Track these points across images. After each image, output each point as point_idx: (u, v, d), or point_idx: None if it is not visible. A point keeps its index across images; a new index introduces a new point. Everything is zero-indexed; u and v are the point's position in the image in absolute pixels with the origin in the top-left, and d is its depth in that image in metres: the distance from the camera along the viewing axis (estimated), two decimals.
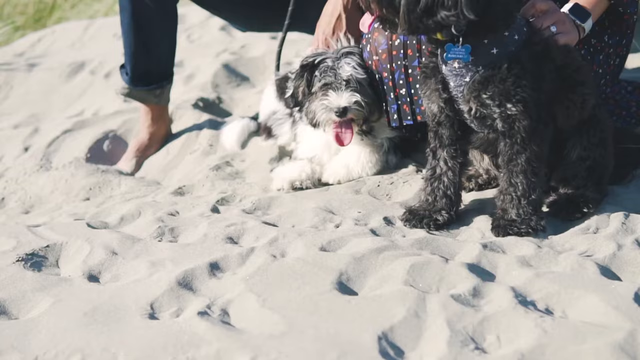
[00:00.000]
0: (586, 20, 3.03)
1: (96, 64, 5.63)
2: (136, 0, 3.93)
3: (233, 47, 5.47)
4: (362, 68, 3.31)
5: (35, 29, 9.32)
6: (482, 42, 2.72)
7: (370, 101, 3.30)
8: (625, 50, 3.38)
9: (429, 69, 2.87)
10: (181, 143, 4.23)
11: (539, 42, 2.78)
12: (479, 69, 2.74)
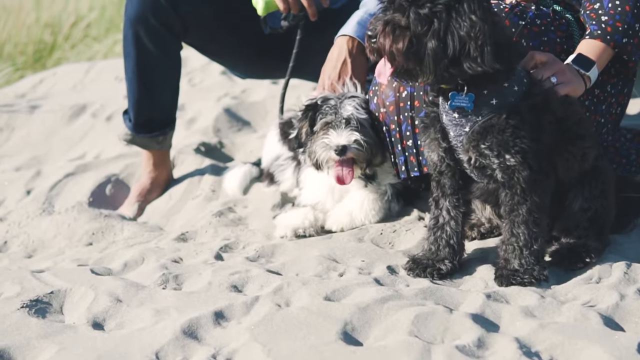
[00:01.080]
0: (590, 68, 3.07)
1: (98, 107, 5.66)
2: (140, 48, 3.97)
3: (234, 91, 5.52)
4: (364, 109, 3.35)
5: (35, 68, 9.39)
6: (482, 92, 2.77)
7: (371, 142, 3.33)
8: (627, 99, 3.42)
9: (429, 118, 2.92)
10: (183, 188, 4.26)
11: (539, 93, 2.83)
12: (478, 119, 2.78)
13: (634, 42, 3.14)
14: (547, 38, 3.16)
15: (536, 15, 3.16)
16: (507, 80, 2.77)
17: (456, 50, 2.66)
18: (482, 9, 2.66)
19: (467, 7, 2.65)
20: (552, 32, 3.18)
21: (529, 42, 3.12)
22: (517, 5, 3.14)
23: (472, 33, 2.65)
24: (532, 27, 3.14)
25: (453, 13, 2.66)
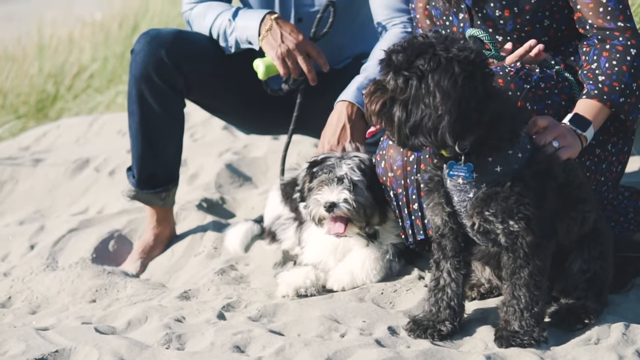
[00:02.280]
0: (587, 129, 3.11)
1: (101, 161, 5.72)
2: (144, 106, 4.03)
3: (236, 146, 5.58)
4: (360, 170, 3.40)
5: (37, 118, 9.47)
6: (487, 159, 2.81)
7: (363, 202, 3.39)
8: (627, 156, 3.47)
9: (433, 182, 2.97)
10: (186, 245, 4.29)
11: (542, 160, 2.88)
12: (482, 185, 2.83)
13: (630, 101, 3.19)
14: (551, 101, 3.21)
15: (540, 78, 3.21)
16: (512, 147, 2.82)
17: (416, 121, 2.72)
18: (452, 82, 2.68)
19: (436, 77, 2.69)
20: (555, 94, 3.23)
21: (534, 106, 3.16)
22: (522, 68, 3.18)
23: (432, 106, 2.70)
24: (537, 91, 3.19)
25: (423, 82, 2.72)
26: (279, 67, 3.87)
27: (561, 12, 3.31)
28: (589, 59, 3.23)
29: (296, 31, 3.88)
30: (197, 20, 4.14)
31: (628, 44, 3.19)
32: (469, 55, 2.71)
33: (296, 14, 4.17)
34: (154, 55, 3.98)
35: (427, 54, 2.73)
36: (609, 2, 3.19)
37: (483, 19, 3.35)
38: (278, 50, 3.85)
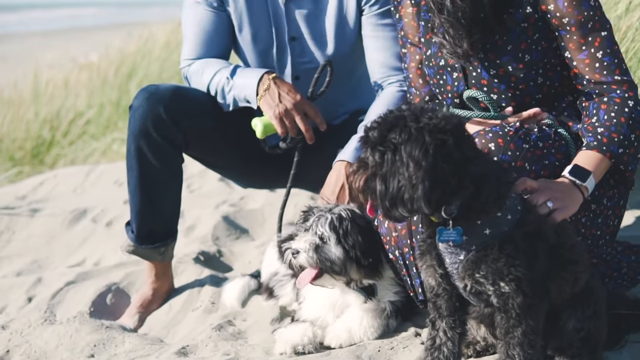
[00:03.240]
0: (587, 179, 3.16)
1: (98, 212, 5.76)
2: (143, 161, 4.08)
3: (233, 198, 5.63)
4: (331, 225, 3.44)
5: (33, 164, 9.52)
6: (476, 222, 2.86)
7: (331, 257, 3.42)
8: (623, 210, 3.50)
9: (426, 244, 3.01)
10: (184, 299, 4.33)
11: (532, 221, 2.92)
12: (472, 248, 2.87)
13: (629, 152, 3.25)
14: (548, 161, 3.25)
15: (539, 137, 3.25)
16: (500, 210, 2.87)
17: (394, 193, 2.78)
18: (423, 151, 2.72)
19: (408, 149, 2.74)
20: (552, 154, 3.27)
21: (532, 166, 3.20)
22: (520, 127, 3.23)
23: (406, 177, 2.75)
24: (535, 151, 3.23)
25: (397, 155, 2.77)
26: (276, 126, 3.92)
27: (554, 70, 3.38)
28: (588, 113, 3.30)
29: (294, 91, 3.94)
30: (195, 77, 4.19)
31: (625, 96, 3.26)
32: (438, 123, 2.76)
33: (293, 71, 4.23)
34: (152, 111, 4.02)
35: (398, 127, 2.79)
36: (604, 57, 3.26)
37: (477, 78, 3.42)
38: (276, 110, 3.91)
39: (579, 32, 3.26)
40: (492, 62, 3.36)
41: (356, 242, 3.43)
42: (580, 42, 3.27)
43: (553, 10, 3.27)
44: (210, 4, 4.17)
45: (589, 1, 3.25)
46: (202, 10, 4.18)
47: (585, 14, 3.24)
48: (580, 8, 3.23)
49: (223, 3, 4.18)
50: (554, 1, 3.26)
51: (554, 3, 3.26)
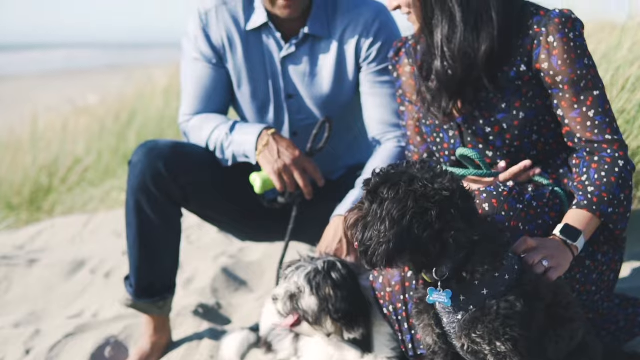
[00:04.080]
0: (577, 239, 3.19)
1: (96, 263, 5.76)
2: (142, 217, 4.10)
3: (231, 250, 5.64)
4: (306, 278, 3.47)
5: (30, 210, 9.51)
6: (473, 282, 2.88)
7: (305, 307, 3.46)
8: (620, 265, 3.52)
9: (423, 303, 3.03)
10: (182, 353, 4.32)
11: (529, 282, 2.94)
12: (469, 308, 2.90)
13: (619, 211, 3.28)
14: (542, 221, 3.28)
15: (533, 197, 3.28)
16: (496, 271, 2.90)
17: (365, 241, 2.85)
18: (401, 214, 2.78)
19: (389, 207, 2.80)
20: (546, 213, 3.30)
21: (526, 226, 3.23)
22: (514, 187, 3.26)
23: (378, 231, 2.81)
24: (529, 210, 3.25)
25: (379, 209, 2.83)
26: (275, 182, 3.96)
27: (548, 127, 3.42)
28: (579, 171, 3.34)
29: (292, 147, 3.98)
30: (194, 132, 4.24)
31: (616, 155, 3.30)
32: (428, 191, 2.80)
33: (291, 128, 4.28)
34: (151, 166, 4.05)
35: (389, 183, 2.84)
36: (595, 116, 3.30)
37: (473, 135, 3.46)
38: (275, 166, 3.95)
39: (571, 90, 3.31)
40: (487, 120, 3.41)
41: (328, 296, 3.45)
42: (573, 100, 3.31)
43: (547, 69, 3.32)
44: (210, 61, 4.22)
45: (583, 60, 3.30)
46: (201, 66, 4.23)
47: (579, 73, 3.29)
48: (573, 67, 3.29)
49: (222, 60, 4.23)
50: (548, 59, 3.31)
51: (548, 61, 3.32)
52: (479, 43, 3.33)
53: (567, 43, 3.29)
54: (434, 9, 3.36)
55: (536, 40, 3.33)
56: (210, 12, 4.23)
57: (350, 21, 4.17)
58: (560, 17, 3.31)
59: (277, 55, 4.21)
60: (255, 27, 4.20)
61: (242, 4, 4.24)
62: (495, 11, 3.32)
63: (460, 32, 3.32)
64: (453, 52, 3.34)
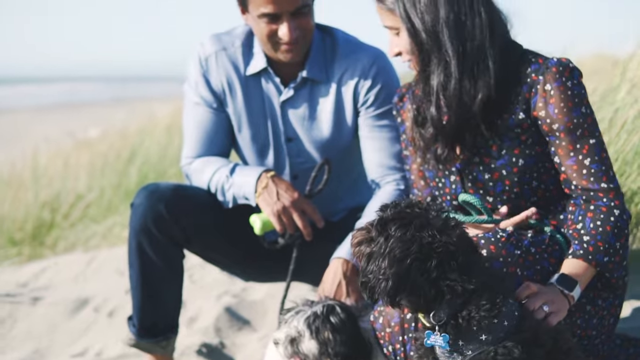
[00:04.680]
0: (574, 288, 3.22)
1: (100, 301, 5.79)
2: (144, 258, 4.14)
3: (234, 289, 5.66)
4: (306, 322, 3.50)
5: (33, 246, 9.55)
6: (472, 328, 2.92)
7: (304, 350, 3.48)
8: (619, 309, 3.54)
9: (423, 347, 3.06)
10: None
11: (529, 328, 2.97)
12: (467, 353, 2.93)
13: (614, 260, 3.31)
14: (541, 267, 3.31)
15: (531, 243, 3.31)
16: (495, 318, 2.93)
17: (365, 273, 2.91)
18: (402, 256, 2.83)
19: (393, 245, 2.86)
20: (545, 259, 3.33)
21: (524, 272, 3.26)
22: (513, 233, 3.29)
23: (378, 267, 2.87)
24: (527, 256, 3.28)
25: (384, 244, 2.89)
26: (275, 223, 4.00)
27: (549, 174, 3.46)
28: (574, 218, 3.37)
29: (291, 189, 4.03)
30: (196, 175, 4.29)
31: (612, 204, 3.33)
32: (434, 242, 2.85)
33: (291, 171, 4.34)
34: (153, 209, 4.09)
35: (400, 221, 2.90)
36: (592, 165, 3.34)
37: (473, 181, 3.50)
38: (274, 208, 4.00)
39: (567, 138, 3.34)
40: (487, 166, 3.45)
41: (327, 340, 3.49)
42: (569, 148, 3.35)
43: (544, 117, 3.36)
44: (210, 105, 4.28)
45: (580, 108, 3.34)
46: (202, 110, 4.29)
47: (575, 122, 3.33)
48: (570, 115, 3.33)
49: (222, 104, 4.29)
50: (544, 107, 3.36)
51: (544, 109, 3.36)
52: (476, 91, 3.38)
53: (563, 92, 3.33)
54: (430, 55, 3.42)
55: (534, 88, 3.38)
56: (210, 58, 4.29)
57: (348, 66, 4.23)
58: (557, 65, 3.36)
59: (277, 99, 4.27)
60: (255, 72, 4.26)
61: (242, 49, 4.30)
62: (492, 60, 3.37)
63: (455, 79, 3.38)
64: (448, 99, 3.40)
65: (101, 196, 9.79)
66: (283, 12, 4.01)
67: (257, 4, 4.01)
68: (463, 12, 3.37)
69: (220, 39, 4.32)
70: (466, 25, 3.37)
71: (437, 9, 3.37)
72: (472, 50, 3.37)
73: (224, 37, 4.32)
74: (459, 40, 3.37)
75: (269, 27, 4.05)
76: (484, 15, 3.38)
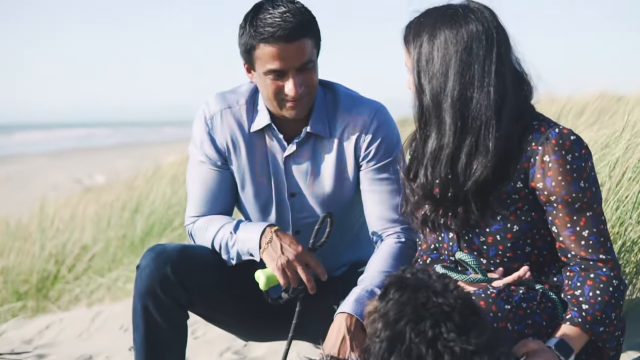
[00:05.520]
0: (570, 356, 3.23)
1: (103, 359, 5.79)
2: (149, 320, 4.13)
3: (236, 345, 5.66)
4: None
5: (37, 298, 9.57)
6: None
7: None
8: None
9: None
10: None
11: None
12: None
13: (609, 330, 3.31)
14: (532, 321, 3.30)
15: (522, 299, 3.30)
16: None
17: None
18: (395, 319, 2.87)
19: (388, 311, 2.90)
20: (537, 314, 3.32)
21: (515, 326, 3.25)
22: (504, 289, 3.29)
23: (376, 330, 2.90)
24: (518, 311, 3.27)
25: (383, 309, 2.92)
26: (279, 277, 4.02)
27: (544, 240, 3.46)
28: (572, 284, 3.37)
29: (295, 243, 4.05)
30: (200, 233, 4.31)
31: (611, 274, 3.32)
32: (430, 303, 2.86)
33: (294, 226, 4.35)
34: (159, 271, 4.10)
35: (398, 285, 2.94)
36: (590, 236, 3.33)
37: (468, 242, 3.51)
38: (278, 262, 4.02)
39: (564, 210, 3.33)
40: (482, 229, 3.46)
41: None
42: (566, 219, 3.34)
43: (542, 188, 3.35)
44: (215, 163, 4.31)
45: (579, 183, 3.31)
46: (206, 169, 4.33)
47: (574, 195, 3.31)
48: (568, 189, 3.31)
49: (227, 162, 4.32)
50: (542, 179, 3.34)
51: (542, 181, 3.34)
52: (470, 170, 3.37)
53: (562, 165, 3.31)
54: (430, 118, 3.43)
55: (532, 158, 3.35)
56: (216, 117, 4.34)
57: (350, 121, 4.27)
58: (557, 138, 3.33)
59: (281, 155, 4.30)
60: (259, 128, 4.30)
61: (246, 106, 4.34)
62: (495, 141, 3.33)
63: (448, 153, 3.37)
64: (438, 171, 3.41)
65: (106, 248, 9.82)
66: (289, 68, 4.05)
67: (264, 61, 4.06)
68: (471, 87, 3.34)
69: (225, 97, 4.37)
70: (471, 101, 3.34)
71: (447, 77, 3.35)
72: (473, 128, 3.34)
73: (229, 96, 4.37)
74: (460, 114, 3.34)
75: (275, 83, 4.09)
76: (493, 95, 3.34)
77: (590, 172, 3.35)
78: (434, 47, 3.38)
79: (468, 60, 3.34)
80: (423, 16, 3.48)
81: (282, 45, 4.04)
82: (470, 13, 3.39)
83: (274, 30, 4.04)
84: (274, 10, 4.10)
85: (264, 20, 4.08)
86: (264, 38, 4.05)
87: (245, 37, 4.14)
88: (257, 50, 4.09)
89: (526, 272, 3.40)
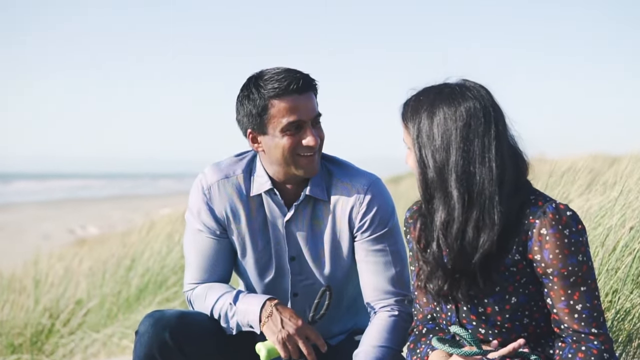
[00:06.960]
0: None
1: None
2: None
3: None
4: None
5: (32, 352, 9.55)
6: None
7: None
8: None
9: None
10: None
11: None
12: None
13: None
14: None
15: None
16: None
17: None
18: None
19: None
20: None
21: None
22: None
23: None
24: None
25: None
26: (280, 350, 4.06)
27: (541, 312, 3.51)
28: (563, 354, 3.42)
29: (295, 317, 4.10)
30: (199, 301, 4.36)
31: (602, 348, 3.37)
32: None
33: (292, 289, 4.40)
34: (158, 336, 4.14)
35: None
36: (583, 310, 3.39)
37: (466, 312, 3.56)
38: (279, 335, 4.06)
39: (560, 283, 3.39)
40: (480, 301, 3.51)
41: None
42: (561, 292, 3.40)
43: (539, 260, 3.40)
44: (213, 233, 4.37)
45: (576, 257, 3.37)
46: (204, 237, 4.38)
47: (570, 269, 3.36)
48: (565, 262, 3.36)
49: (226, 231, 4.37)
50: (540, 252, 3.39)
51: (540, 254, 3.40)
52: (478, 243, 3.43)
53: (559, 239, 3.37)
54: (435, 192, 3.48)
55: (530, 231, 3.41)
56: (213, 187, 4.38)
57: (343, 191, 4.32)
58: (554, 213, 3.39)
59: (281, 220, 4.35)
60: (258, 194, 4.35)
61: (243, 175, 4.38)
62: (499, 214, 3.40)
63: (458, 226, 3.43)
64: (450, 243, 3.45)
65: (101, 304, 9.83)
66: (305, 120, 4.12)
67: (280, 116, 4.11)
68: (473, 162, 3.40)
69: (221, 168, 4.41)
70: (475, 176, 3.40)
71: (449, 153, 3.41)
72: (479, 201, 3.40)
73: (224, 167, 4.41)
74: (465, 188, 3.40)
75: (292, 139, 4.14)
76: (495, 170, 3.40)
77: (586, 248, 3.42)
78: (433, 123, 3.45)
79: (468, 136, 3.42)
80: (421, 94, 3.55)
81: (295, 97, 4.11)
82: (467, 91, 3.48)
83: (287, 84, 4.11)
84: (276, 70, 4.18)
85: (270, 80, 4.15)
86: (276, 94, 4.11)
87: (252, 102, 4.17)
88: (271, 109, 4.13)
89: (521, 344, 3.46)
